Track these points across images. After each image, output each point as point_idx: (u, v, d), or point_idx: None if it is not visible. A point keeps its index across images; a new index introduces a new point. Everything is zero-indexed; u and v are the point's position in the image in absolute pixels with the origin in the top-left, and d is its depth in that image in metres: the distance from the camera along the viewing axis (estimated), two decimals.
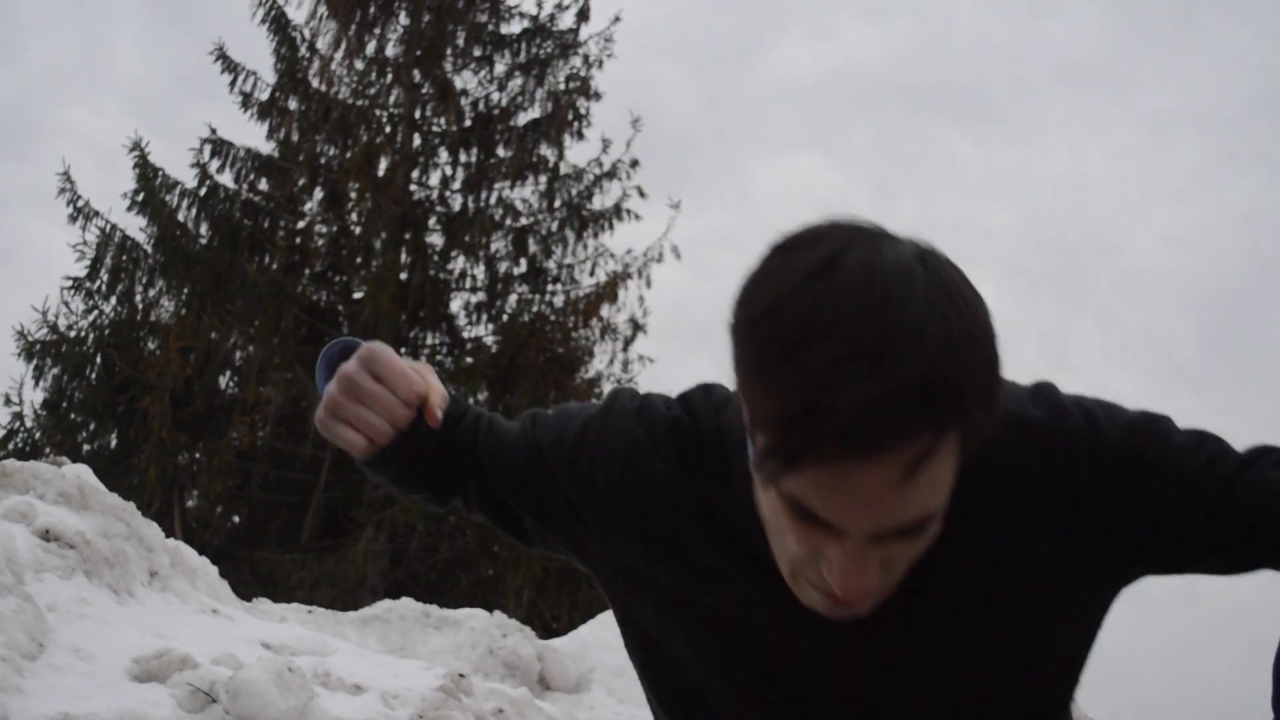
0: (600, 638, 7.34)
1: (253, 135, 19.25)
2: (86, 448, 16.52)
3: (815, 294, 1.02)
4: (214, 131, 17.62)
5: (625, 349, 17.86)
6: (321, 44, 18.14)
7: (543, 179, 18.14)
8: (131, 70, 28.02)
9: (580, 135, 18.28)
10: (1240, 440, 1.31)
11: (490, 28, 18.44)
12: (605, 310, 17.74)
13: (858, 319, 0.99)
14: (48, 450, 15.88)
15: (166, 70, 28.04)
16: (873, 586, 1.11)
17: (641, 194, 17.96)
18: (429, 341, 18.11)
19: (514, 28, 18.50)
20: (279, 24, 18.08)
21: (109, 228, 17.00)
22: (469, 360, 17.45)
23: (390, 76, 18.17)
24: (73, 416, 16.77)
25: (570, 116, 18.17)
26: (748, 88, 34.64)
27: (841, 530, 1.06)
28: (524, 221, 18.10)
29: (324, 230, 17.94)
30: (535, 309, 17.82)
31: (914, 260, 1.05)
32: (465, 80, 18.30)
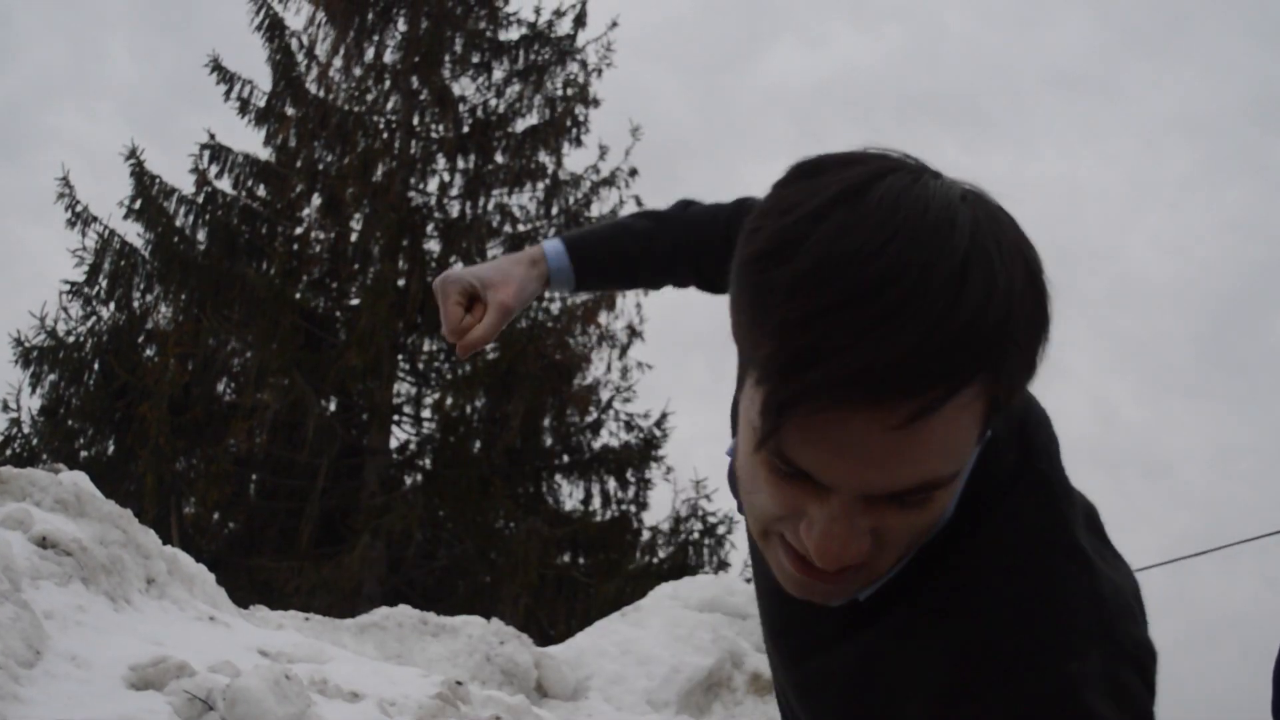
0: (597, 645, 7.34)
1: (250, 141, 19.30)
2: (84, 454, 16.50)
3: (837, 222, 0.88)
4: (212, 137, 17.66)
5: (622, 356, 17.89)
6: (320, 50, 18.18)
7: (541, 186, 18.17)
8: (124, 76, 28.05)
9: (579, 142, 18.33)
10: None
11: (488, 34, 18.48)
12: (603, 317, 17.78)
13: (885, 253, 0.86)
14: (45, 456, 15.88)
15: (159, 76, 28.08)
16: (856, 555, 0.96)
17: (639, 203, 17.99)
18: (426, 348, 18.12)
19: (512, 34, 18.56)
20: (275, 30, 18.11)
21: (107, 233, 17.01)
22: (467, 367, 17.46)
23: (388, 83, 18.20)
24: (70, 423, 16.75)
25: (568, 123, 18.20)
26: (740, 94, 34.72)
27: (829, 487, 0.93)
28: (522, 229, 18.12)
29: (322, 237, 17.95)
30: (533, 316, 17.83)
31: (959, 197, 0.92)
32: (463, 86, 18.36)
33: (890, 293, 0.85)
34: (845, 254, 0.86)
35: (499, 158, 18.16)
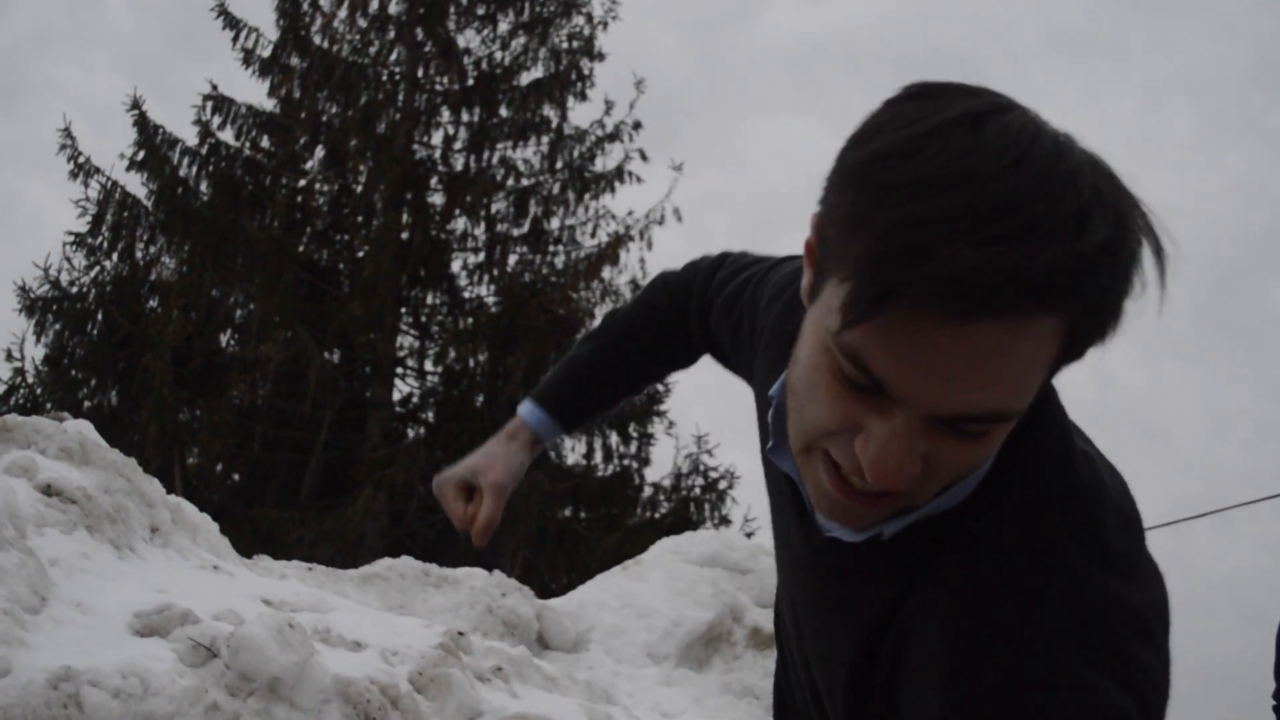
0: (598, 598, 7.38)
1: (254, 92, 19.20)
2: (87, 404, 16.53)
3: (963, 140, 0.87)
4: (215, 88, 17.57)
5: None
6: (324, 1, 18.04)
7: (545, 140, 18.09)
8: (121, 26, 27.82)
9: (583, 96, 18.22)
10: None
11: None
12: (606, 272, 17.74)
13: (1012, 177, 0.85)
14: (49, 406, 15.90)
15: (157, 27, 27.83)
16: (906, 478, 0.95)
17: (644, 157, 17.93)
18: (429, 301, 18.11)
19: None
20: None
21: (110, 184, 16.96)
22: (469, 321, 17.45)
23: (393, 34, 18.07)
24: (74, 373, 16.78)
25: (573, 77, 18.09)
26: (739, 51, 34.51)
27: (898, 401, 0.92)
28: (525, 182, 18.06)
29: (325, 189, 17.90)
30: (536, 270, 17.80)
31: (1078, 144, 0.92)
32: (468, 39, 18.24)
33: (1015, 213, 0.85)
34: (972, 167, 0.86)
35: (503, 111, 18.06)
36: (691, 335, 1.76)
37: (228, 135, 17.56)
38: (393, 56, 18.10)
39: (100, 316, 16.78)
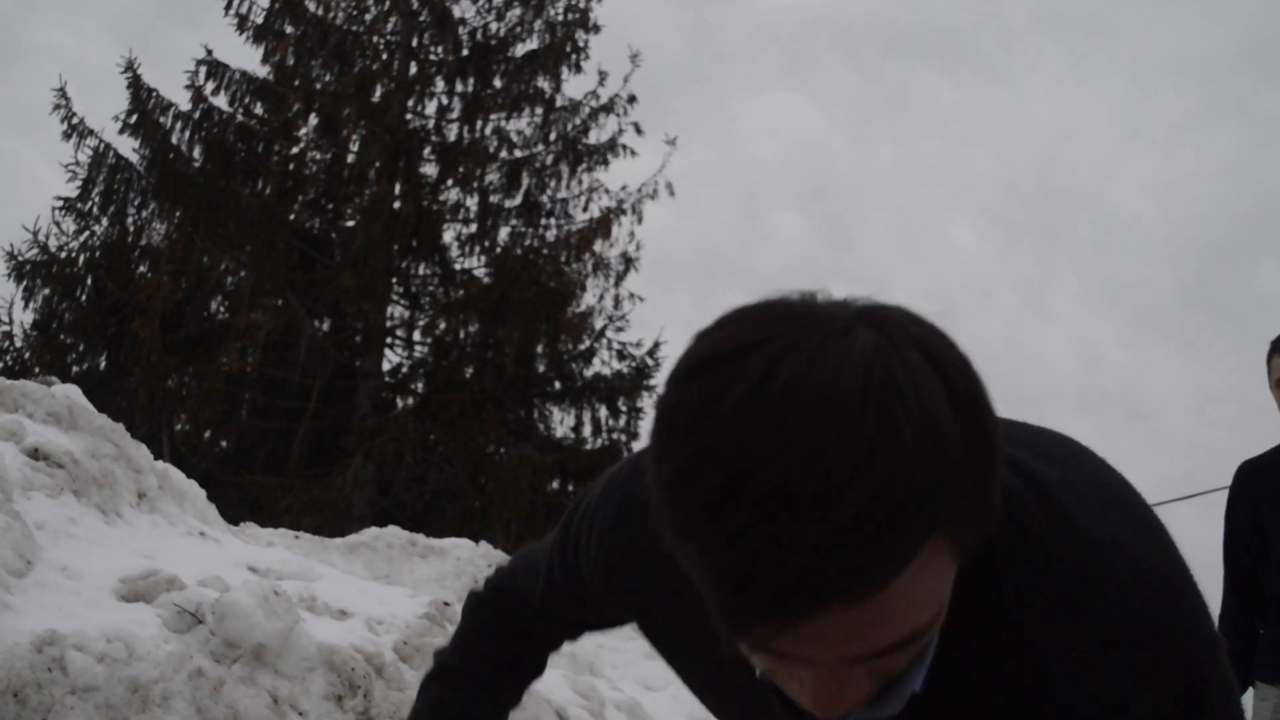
0: None
1: (247, 59, 19.09)
2: (76, 369, 16.50)
3: (737, 435, 0.84)
4: (210, 53, 17.47)
5: (617, 285, 17.86)
6: None
7: (539, 111, 18.03)
8: None
9: (578, 68, 18.16)
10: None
11: None
12: (598, 245, 17.72)
13: (783, 466, 0.83)
14: (37, 370, 15.87)
15: None
16: (860, 699, 0.96)
17: (638, 130, 17.89)
18: (420, 272, 18.09)
19: None
20: None
21: (102, 148, 16.88)
22: (460, 292, 17.43)
23: (388, 2, 17.97)
24: (62, 338, 16.75)
25: (568, 48, 18.03)
26: (730, 25, 34.32)
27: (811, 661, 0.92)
28: (519, 154, 18.02)
29: (318, 157, 17.83)
30: (528, 242, 17.77)
31: (864, 363, 0.86)
32: (463, 8, 18.14)
33: (790, 508, 0.82)
34: (746, 471, 0.83)
35: (497, 82, 18.00)
36: (534, 633, 1.66)
37: (221, 101, 17.51)
38: (388, 25, 18.01)
39: (90, 282, 16.74)
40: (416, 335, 18.00)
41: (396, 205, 17.09)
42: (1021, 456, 1.10)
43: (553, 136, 18.04)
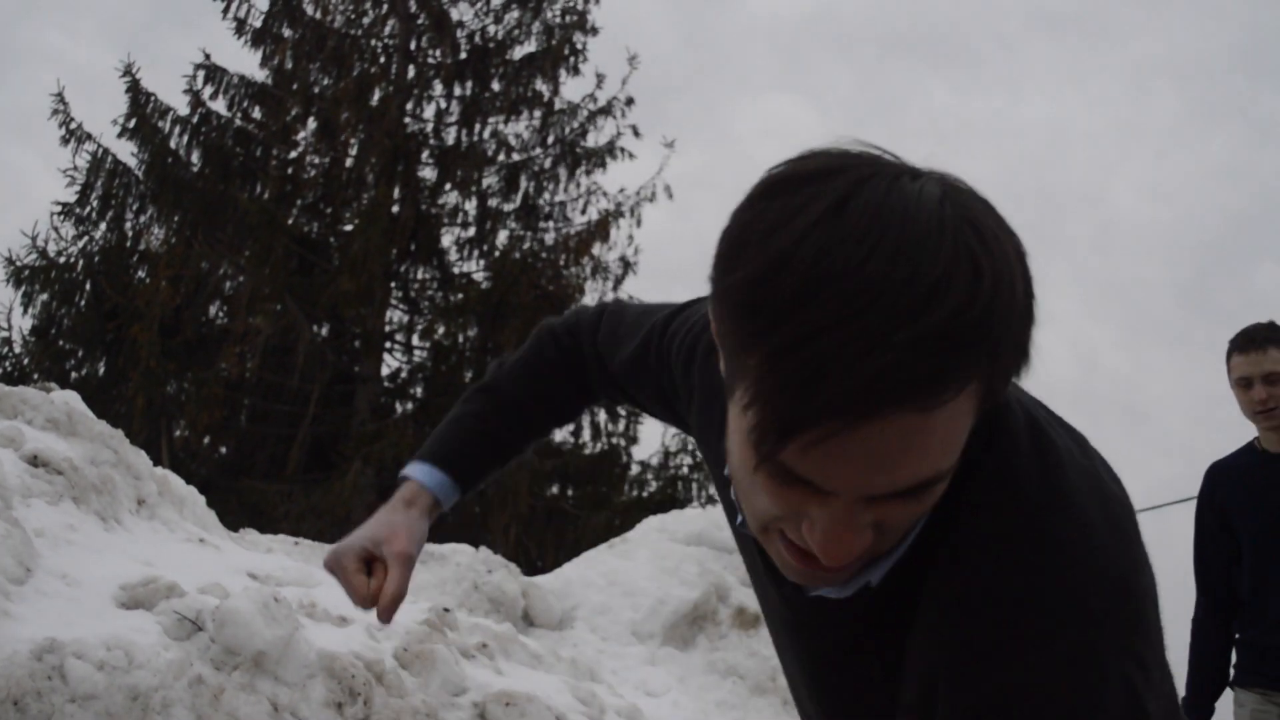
0: (584, 576, 7.39)
1: (245, 63, 19.10)
2: (74, 375, 16.48)
3: (820, 243, 0.87)
4: (208, 57, 17.46)
5: (615, 288, 17.85)
6: None
7: (537, 114, 18.04)
8: None
9: (576, 70, 18.16)
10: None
11: None
12: (597, 248, 17.72)
13: (867, 269, 0.85)
14: (36, 376, 15.85)
15: None
16: (861, 549, 0.97)
17: (636, 133, 17.89)
18: (419, 276, 18.07)
19: None
20: None
21: (100, 152, 16.87)
22: (459, 296, 17.41)
23: (386, 6, 17.98)
24: (61, 343, 16.72)
25: (566, 51, 18.03)
26: (727, 27, 34.38)
27: (830, 492, 0.93)
28: (517, 157, 18.01)
29: (316, 161, 17.82)
30: (527, 246, 17.76)
31: (938, 198, 0.91)
32: (461, 11, 18.16)
33: (877, 308, 0.85)
34: (830, 274, 0.86)
35: (495, 85, 18.00)
36: (589, 384, 1.73)
37: (219, 105, 17.50)
38: (386, 28, 18.01)
39: (88, 287, 16.70)
40: (415, 340, 18.01)
41: (395, 209, 17.08)
42: (1042, 414, 1.12)
43: (551, 139, 18.05)
